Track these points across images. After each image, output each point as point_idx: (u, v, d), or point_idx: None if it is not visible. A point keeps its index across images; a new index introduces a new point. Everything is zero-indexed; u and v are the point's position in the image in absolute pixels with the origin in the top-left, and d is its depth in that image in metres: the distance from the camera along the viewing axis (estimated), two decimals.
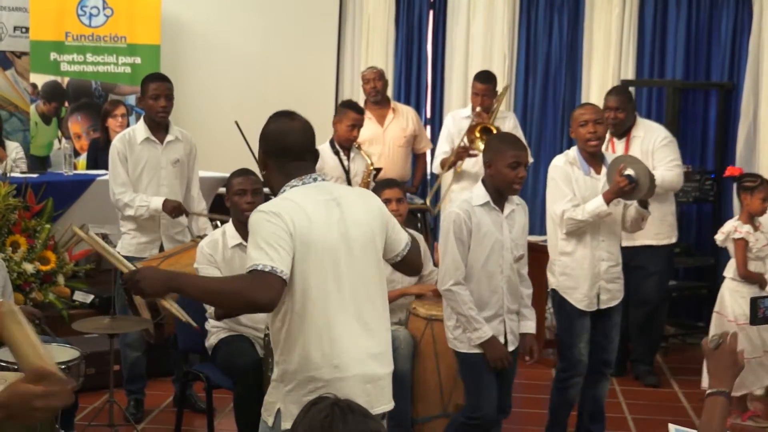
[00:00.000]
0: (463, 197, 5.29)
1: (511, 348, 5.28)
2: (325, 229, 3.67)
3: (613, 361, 6.06)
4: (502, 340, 5.23)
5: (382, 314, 3.85)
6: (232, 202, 5.70)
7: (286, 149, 3.79)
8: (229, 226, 5.70)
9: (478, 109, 8.12)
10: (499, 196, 5.17)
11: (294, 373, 3.69)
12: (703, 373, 6.87)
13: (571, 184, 5.79)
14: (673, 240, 7.72)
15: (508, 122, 8.25)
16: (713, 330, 6.87)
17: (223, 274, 5.45)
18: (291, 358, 3.69)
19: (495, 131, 7.89)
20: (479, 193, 5.18)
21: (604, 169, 5.83)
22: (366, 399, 3.68)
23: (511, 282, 5.24)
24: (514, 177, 5.06)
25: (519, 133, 8.16)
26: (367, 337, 3.76)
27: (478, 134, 8.03)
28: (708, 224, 8.94)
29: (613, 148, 7.48)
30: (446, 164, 8.18)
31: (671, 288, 8.64)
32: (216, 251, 5.60)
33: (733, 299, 6.83)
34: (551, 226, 5.95)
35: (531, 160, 8.20)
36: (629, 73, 9.34)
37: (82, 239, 4.14)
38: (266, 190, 5.64)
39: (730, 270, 6.89)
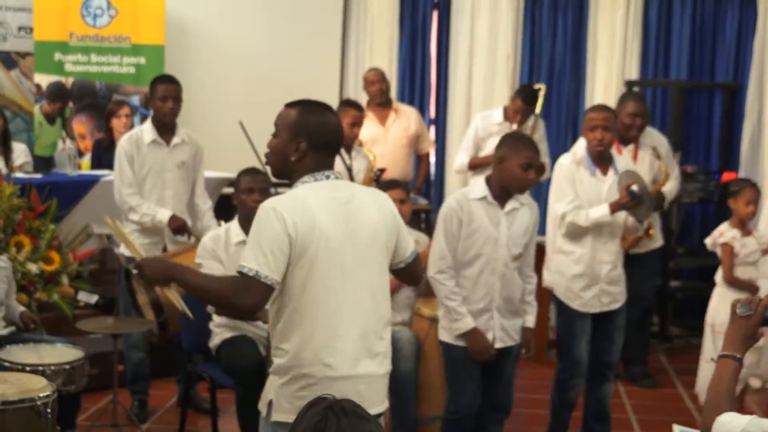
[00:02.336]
0: (462, 190, 5.31)
1: (498, 345, 5.23)
2: (330, 229, 3.67)
3: (616, 363, 6.06)
4: (489, 336, 5.20)
5: (384, 315, 3.84)
6: (240, 200, 5.72)
7: (329, 145, 3.80)
8: (234, 224, 5.72)
9: (514, 126, 8.11)
10: (502, 193, 5.13)
11: (287, 368, 3.70)
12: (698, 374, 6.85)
13: (574, 185, 5.77)
14: (659, 243, 7.73)
15: (537, 133, 8.21)
16: (707, 344, 6.81)
17: (227, 269, 5.46)
18: (285, 352, 3.71)
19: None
20: (478, 188, 5.17)
21: (610, 171, 5.82)
22: (358, 400, 3.68)
23: (505, 279, 5.19)
24: (524, 178, 5.05)
25: (543, 147, 8.17)
26: (366, 338, 3.76)
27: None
28: (712, 225, 8.83)
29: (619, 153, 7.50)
30: (476, 166, 8.19)
31: (675, 288, 8.66)
32: (218, 246, 5.63)
33: (722, 306, 6.79)
34: (551, 223, 5.95)
35: (548, 174, 8.22)
36: (633, 74, 9.33)
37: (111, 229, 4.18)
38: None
39: (719, 275, 6.87)
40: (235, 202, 5.80)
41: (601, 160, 5.83)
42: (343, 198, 3.74)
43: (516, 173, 5.05)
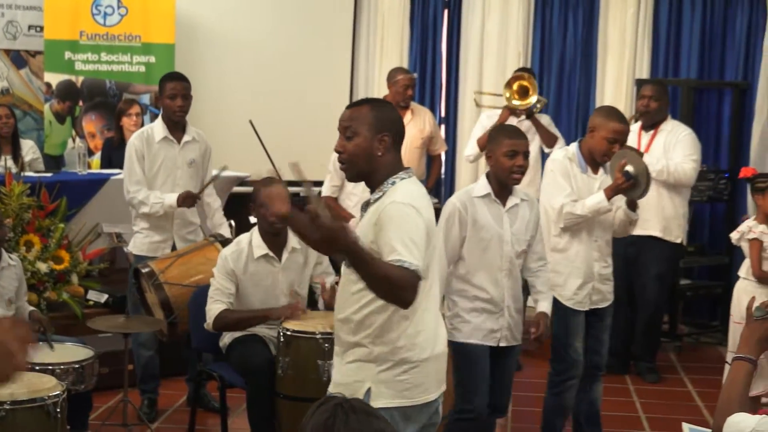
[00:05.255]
0: (465, 188, 5.31)
1: (504, 344, 5.25)
2: (433, 222, 3.87)
3: (604, 364, 5.98)
4: (498, 335, 5.22)
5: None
6: (259, 214, 5.64)
7: (402, 135, 3.90)
8: (256, 236, 5.67)
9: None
10: (501, 188, 5.15)
11: (389, 354, 3.79)
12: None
13: (569, 179, 5.71)
14: (679, 240, 7.73)
15: (542, 120, 8.21)
16: (731, 340, 6.83)
17: (246, 287, 5.55)
18: (388, 340, 3.78)
19: (532, 89, 7.87)
20: (481, 185, 5.18)
21: (601, 170, 5.78)
22: (438, 377, 3.94)
23: (512, 277, 5.22)
24: (511, 166, 5.05)
25: (553, 129, 8.20)
26: (438, 320, 3.97)
27: (515, 87, 7.98)
28: (722, 223, 8.93)
29: (638, 140, 7.51)
30: (484, 139, 8.11)
31: (685, 287, 8.66)
32: (238, 264, 5.57)
33: (745, 300, 6.79)
34: (545, 221, 5.81)
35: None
36: (644, 72, 9.32)
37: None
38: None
39: (743, 269, 6.86)
40: (254, 215, 5.75)
41: (594, 161, 5.80)
42: (426, 192, 3.95)
43: (503, 163, 5.07)
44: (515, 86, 7.99)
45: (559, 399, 5.85)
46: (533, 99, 7.98)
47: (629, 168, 5.61)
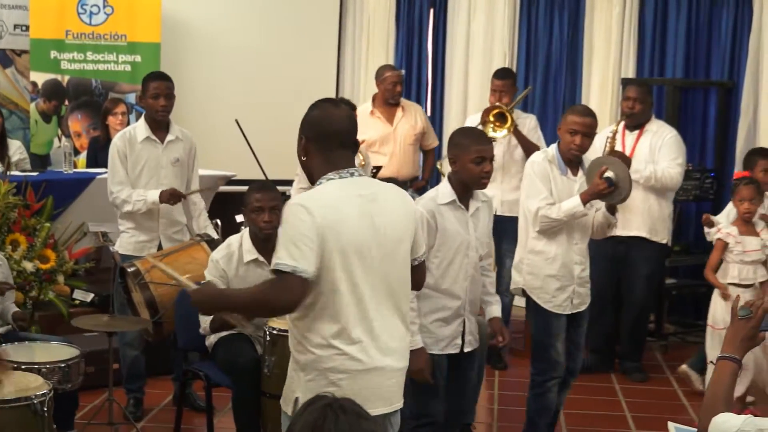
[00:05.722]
0: (429, 195, 5.19)
1: (468, 349, 5.22)
2: (356, 225, 3.67)
3: (579, 370, 6.00)
4: (459, 341, 5.18)
5: (403, 311, 3.86)
6: (250, 218, 5.65)
7: (331, 135, 3.76)
8: (246, 239, 5.67)
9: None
10: (464, 192, 5.08)
11: (315, 363, 3.69)
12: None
13: (548, 182, 5.69)
14: (665, 241, 7.75)
15: (528, 122, 8.15)
16: (709, 345, 6.87)
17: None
18: (313, 348, 3.69)
19: (510, 118, 7.81)
20: (445, 191, 5.09)
21: (580, 172, 5.78)
22: (382, 393, 3.77)
23: (474, 281, 5.18)
24: (479, 172, 4.98)
25: (538, 135, 8.11)
26: (388, 332, 3.77)
27: (491, 119, 7.90)
28: None
29: (623, 140, 7.51)
30: None
31: (671, 286, 8.68)
32: (230, 266, 5.59)
33: (720, 305, 6.83)
34: (523, 222, 5.84)
35: None
36: (629, 72, 9.33)
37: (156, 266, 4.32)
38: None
39: (719, 275, 6.90)
40: (246, 219, 5.76)
41: (572, 161, 5.78)
42: (368, 195, 3.74)
43: (471, 170, 4.99)
44: (491, 117, 7.89)
45: (541, 399, 5.84)
46: (502, 133, 7.85)
47: (610, 174, 5.61)
